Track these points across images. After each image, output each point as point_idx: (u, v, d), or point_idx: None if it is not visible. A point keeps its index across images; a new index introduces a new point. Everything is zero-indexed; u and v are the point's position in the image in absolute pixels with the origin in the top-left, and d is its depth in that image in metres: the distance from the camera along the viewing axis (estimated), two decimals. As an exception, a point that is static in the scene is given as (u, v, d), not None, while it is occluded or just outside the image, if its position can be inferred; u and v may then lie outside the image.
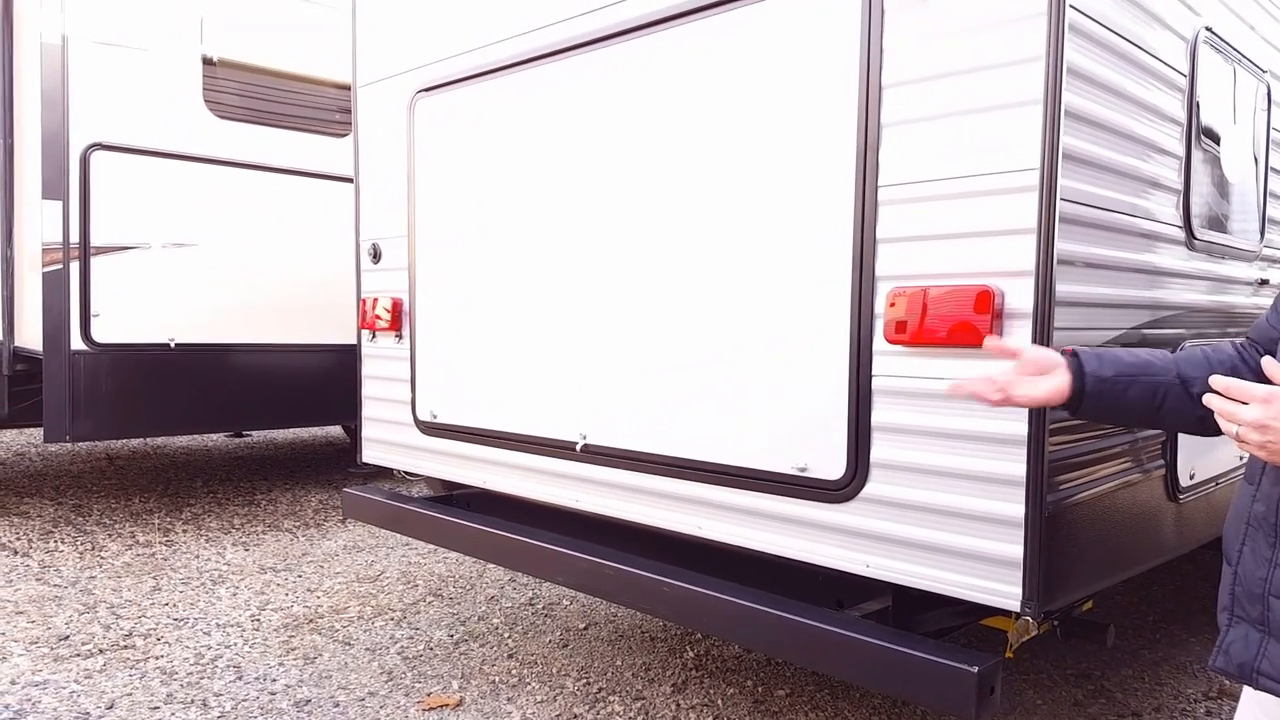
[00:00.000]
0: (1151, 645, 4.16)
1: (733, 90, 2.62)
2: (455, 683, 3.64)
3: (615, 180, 2.96)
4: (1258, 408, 1.39)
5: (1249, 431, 1.40)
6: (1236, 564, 1.60)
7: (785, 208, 2.50)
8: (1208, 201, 2.80)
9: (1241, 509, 1.61)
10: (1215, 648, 1.56)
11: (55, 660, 3.79)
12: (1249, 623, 1.54)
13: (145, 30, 5.61)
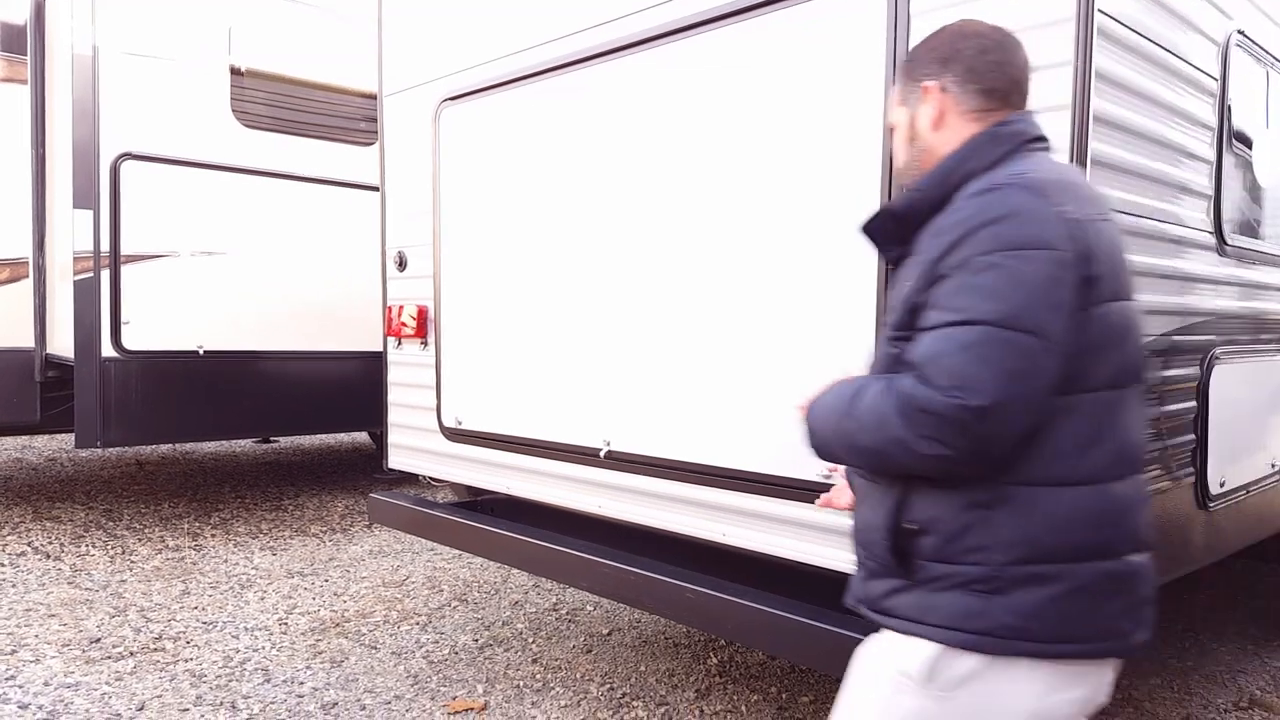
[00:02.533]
0: (1180, 654, 4.12)
1: (758, 97, 2.62)
2: (480, 687, 3.66)
3: (640, 188, 2.97)
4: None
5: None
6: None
7: (811, 215, 2.50)
8: (1239, 206, 2.78)
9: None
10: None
11: (87, 662, 3.84)
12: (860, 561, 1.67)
13: (174, 41, 5.69)
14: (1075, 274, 1.37)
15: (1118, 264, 1.45)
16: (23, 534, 5.83)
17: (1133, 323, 1.46)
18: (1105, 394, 1.42)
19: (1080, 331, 1.38)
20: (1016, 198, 1.40)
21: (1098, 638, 1.44)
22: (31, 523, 6.11)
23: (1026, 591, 1.40)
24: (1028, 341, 1.34)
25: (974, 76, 1.60)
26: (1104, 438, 1.42)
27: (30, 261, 5.96)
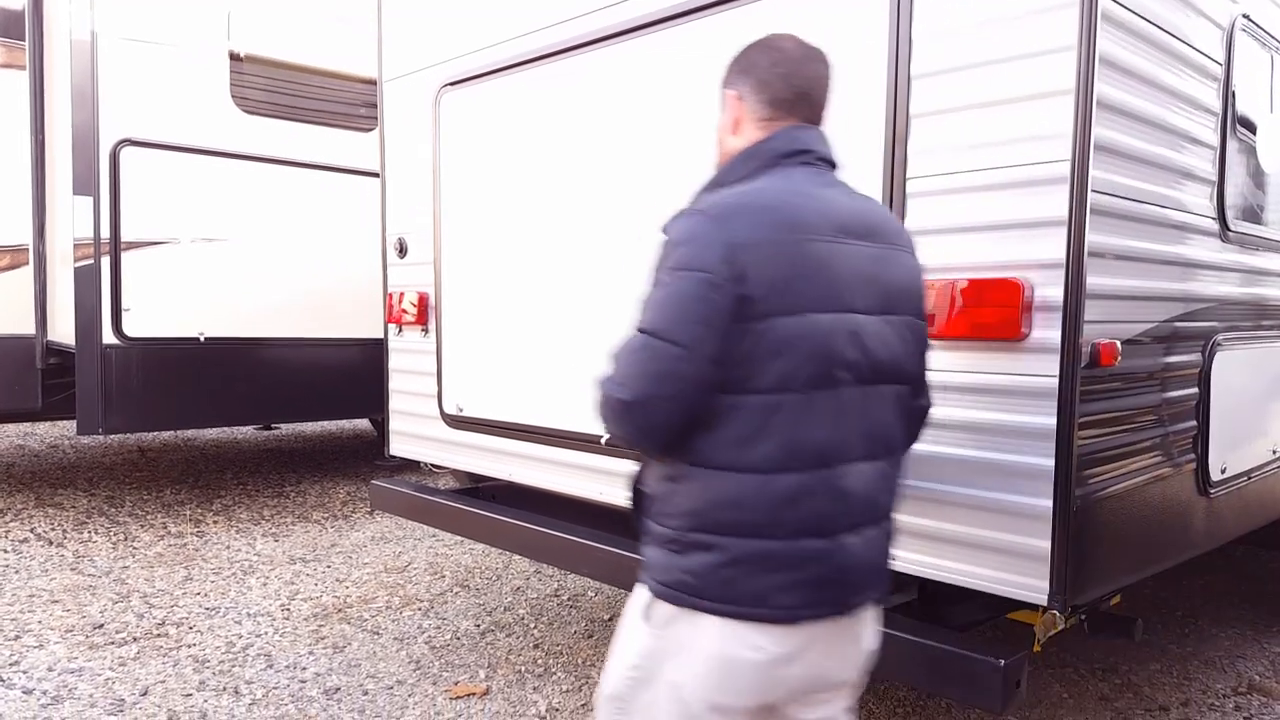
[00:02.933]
0: (1180, 640, 4.13)
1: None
2: (482, 672, 3.67)
3: (643, 173, 2.96)
4: None
5: None
6: None
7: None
8: (1243, 192, 2.77)
9: None
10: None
11: (90, 648, 3.85)
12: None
13: (173, 26, 5.66)
14: (728, 294, 1.51)
15: (791, 282, 1.54)
16: (25, 520, 5.84)
17: (808, 334, 1.54)
18: (773, 397, 1.54)
19: (736, 342, 1.53)
20: (696, 225, 1.58)
21: (753, 603, 1.58)
22: (34, 509, 6.13)
23: (697, 555, 1.61)
24: (670, 350, 1.53)
25: (763, 87, 1.73)
26: (770, 435, 1.55)
27: (31, 248, 5.95)
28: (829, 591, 1.61)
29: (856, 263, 1.61)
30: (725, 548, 1.57)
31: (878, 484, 1.66)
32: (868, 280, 1.61)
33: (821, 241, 1.57)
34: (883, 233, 1.67)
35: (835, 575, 1.60)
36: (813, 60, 1.75)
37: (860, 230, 1.63)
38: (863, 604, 1.67)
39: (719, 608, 1.59)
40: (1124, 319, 2.22)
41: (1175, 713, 3.40)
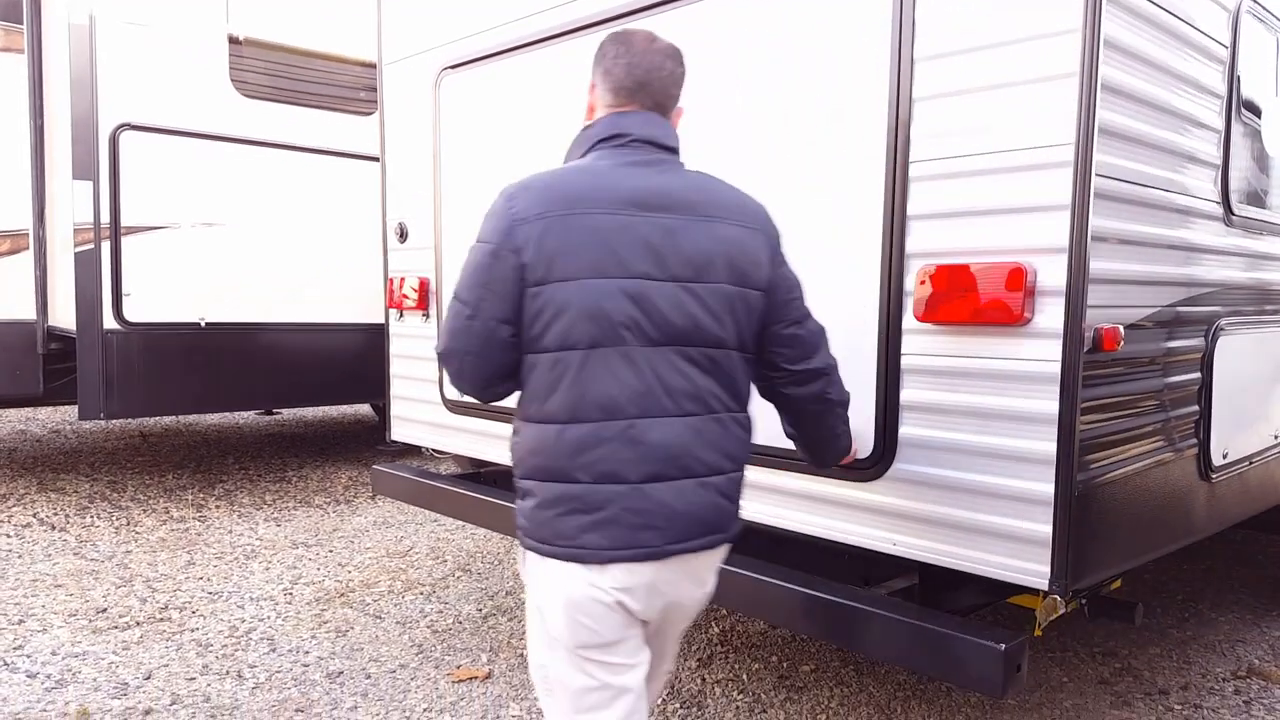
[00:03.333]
0: (1180, 624, 4.14)
1: (760, 65, 2.60)
2: (484, 656, 3.69)
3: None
4: None
5: None
6: None
7: (815, 185, 2.49)
8: (1247, 176, 2.76)
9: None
10: None
11: (94, 632, 3.86)
12: None
13: (172, 9, 5.63)
14: (508, 263, 1.73)
15: (566, 251, 1.71)
16: (28, 505, 5.86)
17: (586, 298, 1.70)
18: (558, 354, 1.73)
19: (525, 306, 1.74)
20: (495, 203, 1.80)
21: (567, 544, 1.74)
22: (36, 494, 6.14)
23: (526, 500, 1.81)
24: (461, 309, 1.78)
25: (607, 76, 1.90)
26: (561, 389, 1.73)
27: (31, 233, 5.94)
28: (638, 535, 1.72)
29: (643, 233, 1.73)
30: (538, 492, 1.78)
31: (689, 438, 1.76)
32: (656, 249, 1.73)
33: (600, 214, 1.73)
34: (692, 206, 1.78)
35: (639, 520, 1.72)
36: (655, 53, 1.89)
37: (656, 204, 1.76)
38: (687, 550, 1.78)
39: (542, 548, 1.78)
40: (1127, 304, 2.22)
41: (1175, 696, 3.41)
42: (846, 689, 3.42)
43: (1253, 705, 3.35)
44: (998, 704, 3.30)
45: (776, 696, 3.36)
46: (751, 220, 1.85)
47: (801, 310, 1.92)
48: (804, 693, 3.39)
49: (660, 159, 1.85)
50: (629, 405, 1.72)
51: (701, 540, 1.79)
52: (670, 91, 1.90)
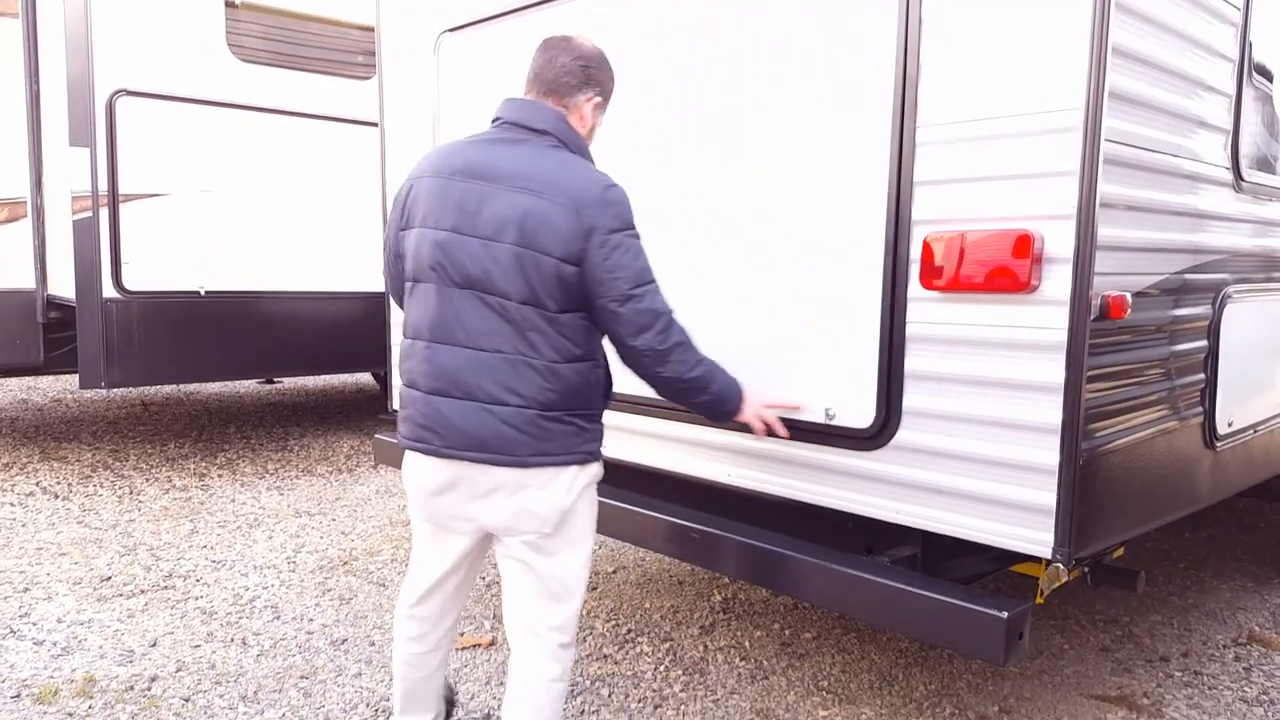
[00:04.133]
0: (1181, 592, 4.15)
1: (766, 27, 2.56)
2: (487, 623, 3.70)
3: (647, 121, 2.91)
4: None
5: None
6: None
7: (821, 151, 2.45)
8: (1258, 142, 2.72)
9: None
10: None
11: (98, 600, 3.88)
12: None
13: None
14: (397, 209, 2.26)
15: (417, 205, 2.18)
16: (30, 474, 5.87)
17: (417, 243, 2.16)
18: (408, 284, 2.23)
19: (399, 245, 2.27)
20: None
21: (404, 438, 2.24)
22: (39, 463, 6.15)
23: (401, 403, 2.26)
24: (383, 242, 2.41)
25: (528, 68, 2.28)
26: (408, 310, 2.24)
27: (28, 201, 5.90)
28: (424, 434, 2.16)
29: (462, 196, 2.10)
30: (402, 392, 2.26)
31: (472, 368, 2.09)
32: (466, 209, 2.09)
33: (440, 179, 2.14)
34: (506, 177, 2.08)
35: (425, 423, 2.16)
36: (551, 48, 2.25)
37: (479, 174, 2.10)
38: (460, 458, 2.13)
39: (399, 442, 2.28)
40: (1134, 271, 2.19)
41: (1176, 663, 3.43)
42: (848, 656, 3.43)
43: (1253, 672, 3.37)
44: (1000, 671, 3.31)
45: (778, 663, 3.37)
46: (563, 197, 2.05)
47: (621, 291, 2.07)
48: (806, 660, 3.40)
49: (520, 138, 2.16)
50: (429, 331, 2.14)
51: (477, 454, 2.11)
52: (562, 80, 2.21)
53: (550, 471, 2.14)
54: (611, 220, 2.07)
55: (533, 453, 2.11)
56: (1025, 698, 3.14)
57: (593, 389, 2.20)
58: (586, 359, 2.16)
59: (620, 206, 2.09)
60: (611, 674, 3.29)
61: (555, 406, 2.11)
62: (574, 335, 2.12)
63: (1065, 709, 3.07)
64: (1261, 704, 3.13)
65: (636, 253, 2.10)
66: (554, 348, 2.10)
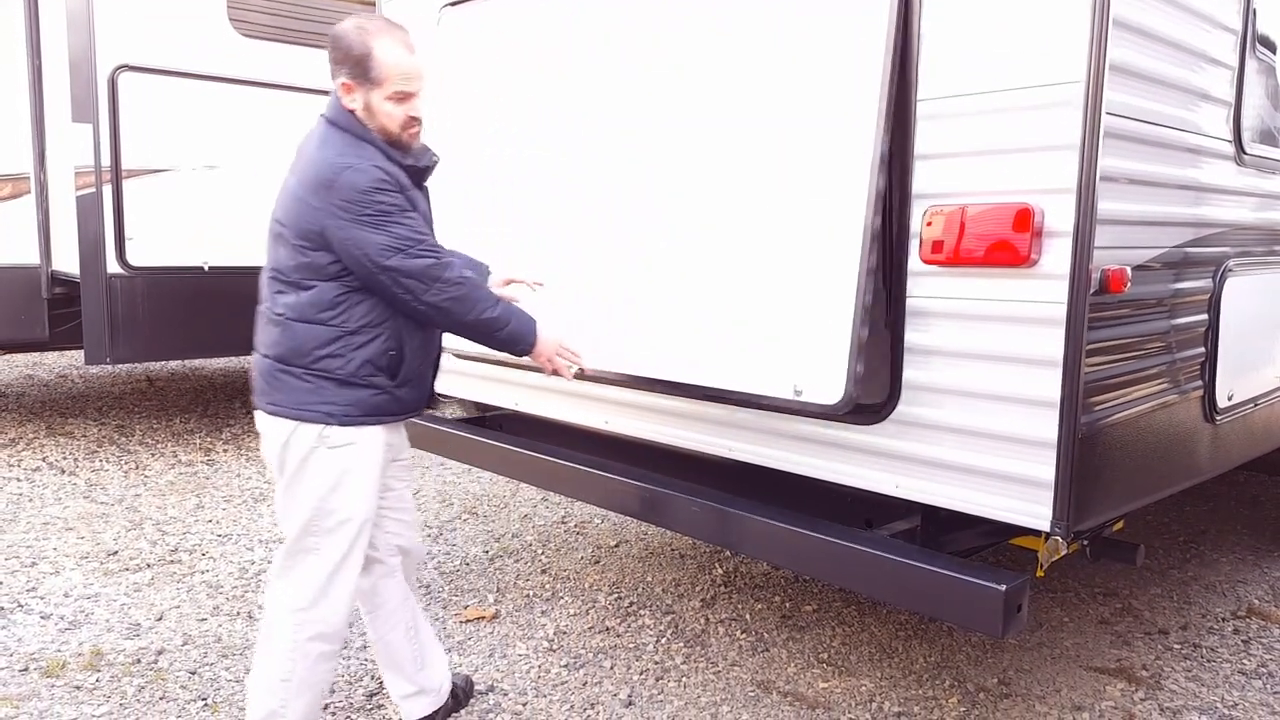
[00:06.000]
0: (1181, 565, 4.17)
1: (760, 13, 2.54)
2: (491, 596, 3.73)
3: (650, 96, 2.90)
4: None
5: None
6: None
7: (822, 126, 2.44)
8: (1260, 114, 2.70)
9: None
10: None
11: (105, 574, 3.92)
12: None
13: (167, -54, 5.52)
14: None
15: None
16: (37, 449, 5.91)
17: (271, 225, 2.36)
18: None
19: None
20: None
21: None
22: (45, 438, 6.19)
23: None
24: None
25: None
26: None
27: (32, 177, 5.90)
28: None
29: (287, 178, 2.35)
30: None
31: (258, 325, 2.38)
32: (281, 194, 2.34)
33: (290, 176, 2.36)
34: (294, 163, 2.35)
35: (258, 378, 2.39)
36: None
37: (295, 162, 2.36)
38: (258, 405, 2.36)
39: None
40: (1135, 245, 2.19)
41: (1174, 636, 3.45)
42: (848, 628, 3.46)
43: (1252, 645, 3.39)
44: (999, 643, 3.34)
45: (779, 636, 3.40)
46: (309, 176, 2.25)
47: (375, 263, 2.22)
48: (806, 632, 3.43)
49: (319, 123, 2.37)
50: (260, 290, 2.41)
51: (256, 398, 2.37)
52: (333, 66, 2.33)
53: (280, 423, 2.33)
54: (345, 202, 2.19)
55: (268, 401, 2.34)
56: (1024, 670, 3.17)
57: (340, 354, 2.30)
58: (330, 323, 2.29)
59: (353, 189, 2.19)
60: (614, 646, 3.32)
61: (290, 361, 2.31)
62: (317, 301, 2.28)
63: (1064, 681, 3.09)
64: (1260, 676, 3.16)
65: (383, 226, 2.21)
66: (295, 310, 2.29)
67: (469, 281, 2.35)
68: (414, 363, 2.43)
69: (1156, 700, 2.99)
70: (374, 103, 2.30)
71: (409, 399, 2.46)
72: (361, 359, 2.32)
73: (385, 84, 2.28)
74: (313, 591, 2.37)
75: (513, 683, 3.06)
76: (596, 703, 2.94)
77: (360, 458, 2.37)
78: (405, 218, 2.25)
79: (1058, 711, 2.91)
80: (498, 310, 2.40)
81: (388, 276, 2.24)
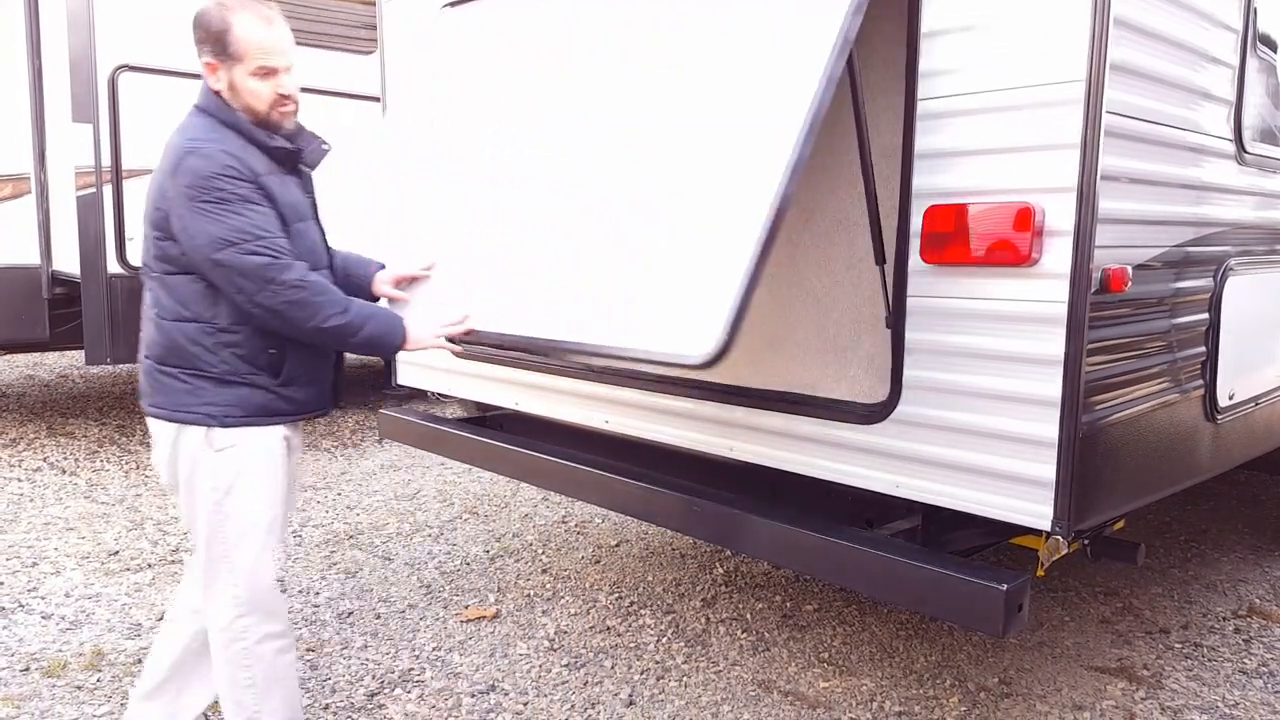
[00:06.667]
0: (1182, 564, 4.17)
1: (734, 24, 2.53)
2: (491, 596, 3.73)
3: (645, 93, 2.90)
4: None
5: None
6: None
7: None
8: (1261, 113, 2.70)
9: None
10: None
11: (106, 574, 3.92)
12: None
13: (167, -54, 5.51)
14: None
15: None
16: (38, 450, 5.91)
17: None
18: None
19: None
20: None
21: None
22: (46, 439, 6.19)
23: None
24: None
25: None
26: None
27: (32, 177, 5.89)
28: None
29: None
30: None
31: (143, 319, 2.30)
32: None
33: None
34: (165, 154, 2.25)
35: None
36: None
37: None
38: (144, 408, 2.30)
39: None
40: (1135, 244, 2.19)
41: (1175, 635, 3.45)
42: (849, 628, 3.46)
43: (1253, 644, 3.39)
44: (1000, 642, 3.34)
45: (780, 635, 3.40)
46: (165, 164, 2.21)
47: (203, 255, 2.12)
48: (807, 631, 3.43)
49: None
50: None
51: (141, 401, 2.30)
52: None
53: (164, 426, 2.26)
54: (185, 186, 2.12)
55: (150, 403, 2.28)
56: (1025, 669, 3.17)
57: (213, 351, 2.21)
58: (200, 320, 2.20)
59: (194, 174, 2.11)
60: (614, 645, 3.32)
61: (166, 361, 2.23)
62: (181, 297, 2.20)
63: (1065, 680, 3.09)
64: (1261, 675, 3.15)
65: (218, 216, 2.11)
66: (164, 307, 2.22)
67: (311, 286, 2.20)
68: (301, 361, 2.31)
69: (1157, 699, 2.98)
70: (237, 80, 2.20)
71: (303, 398, 2.35)
72: (237, 357, 2.22)
73: (246, 59, 2.18)
74: (241, 599, 2.30)
75: (513, 682, 3.06)
76: (597, 702, 2.94)
77: (252, 459, 2.26)
78: (247, 209, 2.13)
79: (1059, 711, 2.90)
80: (347, 317, 2.25)
81: (220, 272, 2.13)
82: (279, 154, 2.29)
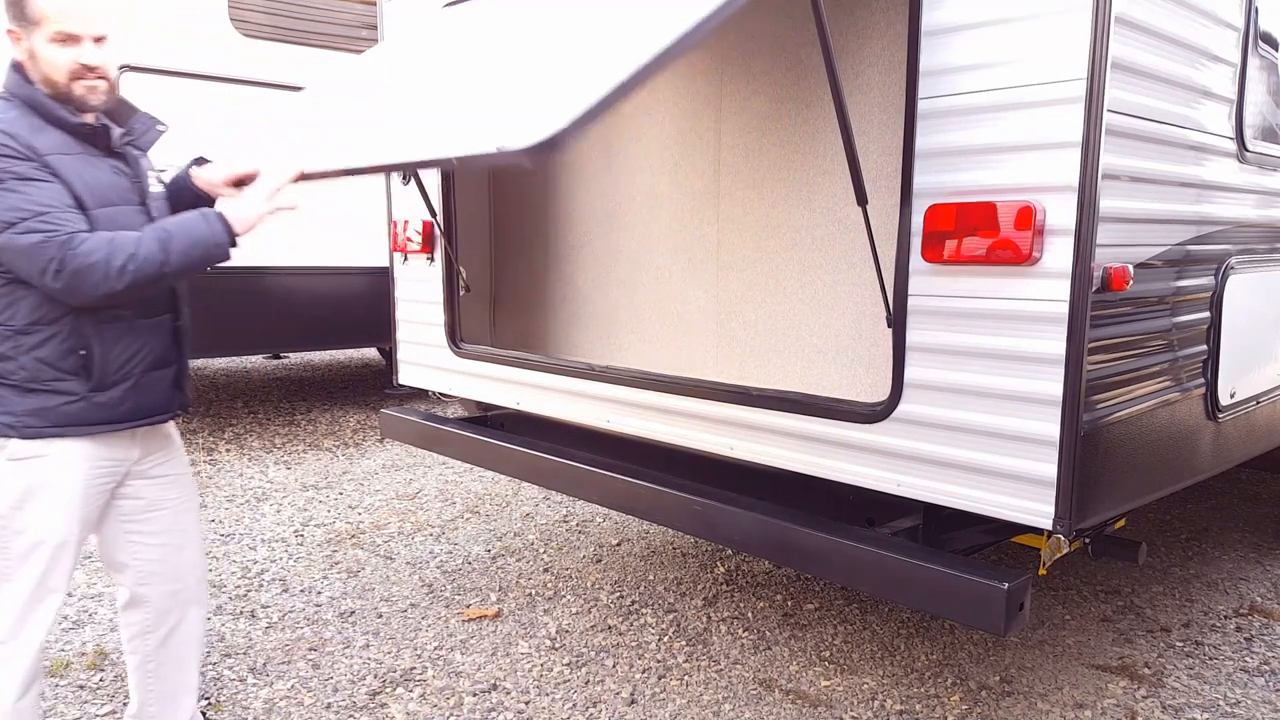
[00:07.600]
0: (1183, 562, 4.17)
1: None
2: (493, 595, 3.74)
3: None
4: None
5: None
6: None
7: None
8: (1262, 111, 2.70)
9: None
10: None
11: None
12: None
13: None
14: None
15: None
16: (40, 449, 5.91)
17: None
18: None
19: None
20: None
21: None
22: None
23: None
24: None
25: None
26: None
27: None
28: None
29: None
30: None
31: None
32: None
33: None
34: None
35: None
36: None
37: None
38: None
39: None
40: (1136, 242, 2.19)
41: (1177, 634, 3.45)
42: (850, 627, 3.46)
43: (1254, 642, 3.39)
44: (1001, 641, 3.34)
45: (781, 634, 3.40)
46: None
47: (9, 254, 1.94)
48: (808, 630, 3.43)
49: None
50: None
51: None
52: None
53: None
54: None
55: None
56: (1026, 668, 3.17)
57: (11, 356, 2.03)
58: None
59: None
60: (616, 644, 3.32)
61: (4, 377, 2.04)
62: (21, 302, 2.01)
63: (1066, 679, 3.09)
64: (1263, 674, 3.15)
65: None
66: (15, 318, 2.02)
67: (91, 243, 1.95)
68: (118, 362, 2.12)
69: (1159, 698, 2.98)
70: (36, 47, 2.01)
71: (128, 404, 2.14)
72: (38, 361, 2.03)
73: (43, 23, 1.99)
74: (9, 623, 2.12)
75: (515, 681, 3.07)
76: (599, 701, 2.94)
77: (50, 473, 2.08)
78: (25, 187, 1.92)
79: (1060, 709, 2.91)
80: (141, 248, 1.99)
81: (7, 259, 1.96)
82: (83, 132, 2.07)
